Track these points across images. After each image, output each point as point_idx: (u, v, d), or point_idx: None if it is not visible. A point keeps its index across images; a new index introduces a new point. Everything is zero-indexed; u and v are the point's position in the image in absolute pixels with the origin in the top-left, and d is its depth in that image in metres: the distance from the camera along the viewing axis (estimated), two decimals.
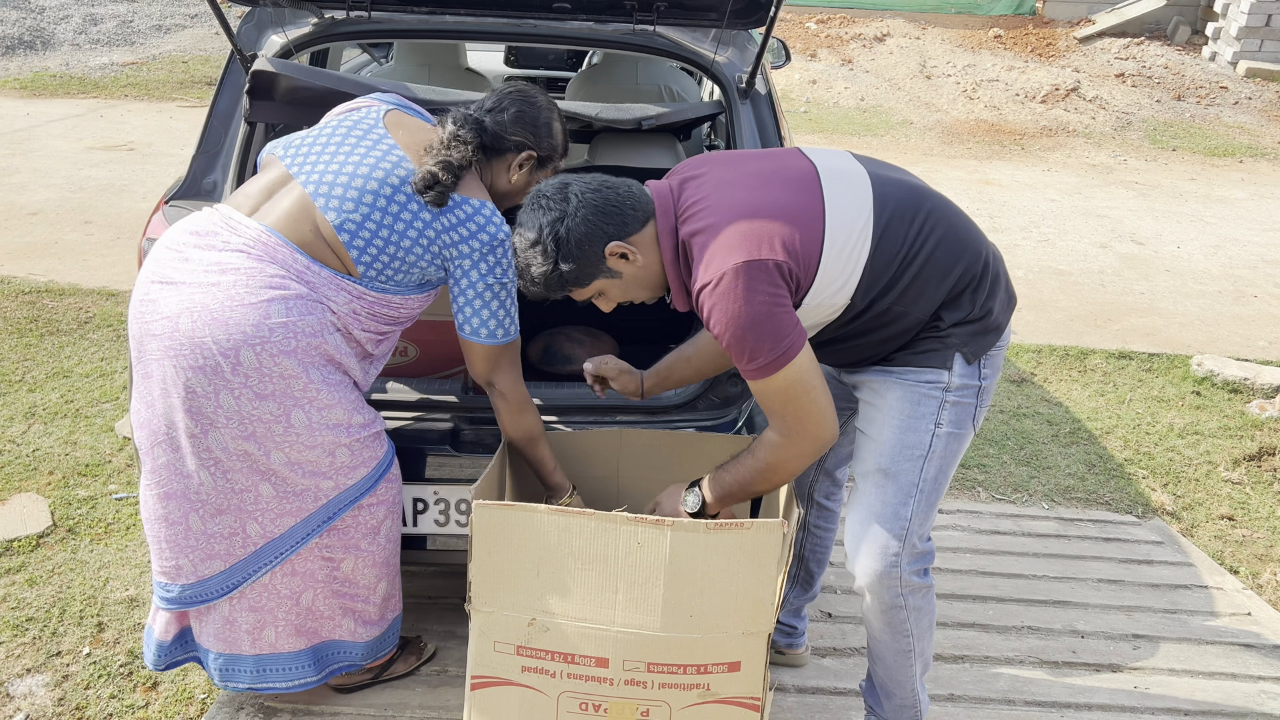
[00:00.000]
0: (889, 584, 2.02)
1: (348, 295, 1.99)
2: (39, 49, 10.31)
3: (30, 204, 6.17)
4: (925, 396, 1.94)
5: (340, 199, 1.97)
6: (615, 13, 2.64)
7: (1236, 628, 2.93)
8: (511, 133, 2.11)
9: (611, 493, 2.37)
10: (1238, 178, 8.61)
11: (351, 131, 2.07)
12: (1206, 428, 4.30)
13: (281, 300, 1.90)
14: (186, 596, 2.09)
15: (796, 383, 1.79)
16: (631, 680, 1.89)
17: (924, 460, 1.96)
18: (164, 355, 1.92)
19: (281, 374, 1.91)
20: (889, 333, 1.93)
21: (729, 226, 1.79)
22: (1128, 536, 3.44)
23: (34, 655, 2.57)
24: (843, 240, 1.83)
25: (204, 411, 1.92)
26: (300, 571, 2.10)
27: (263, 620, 2.11)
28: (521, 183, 2.17)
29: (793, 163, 1.93)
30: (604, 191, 1.86)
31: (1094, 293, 5.88)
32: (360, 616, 2.23)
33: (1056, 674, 2.65)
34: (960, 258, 1.90)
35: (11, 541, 2.99)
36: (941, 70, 10.84)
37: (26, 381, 3.99)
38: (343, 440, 2.01)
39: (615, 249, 1.85)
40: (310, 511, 2.05)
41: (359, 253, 1.98)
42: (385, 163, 2.01)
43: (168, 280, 1.93)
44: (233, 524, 2.02)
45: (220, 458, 1.96)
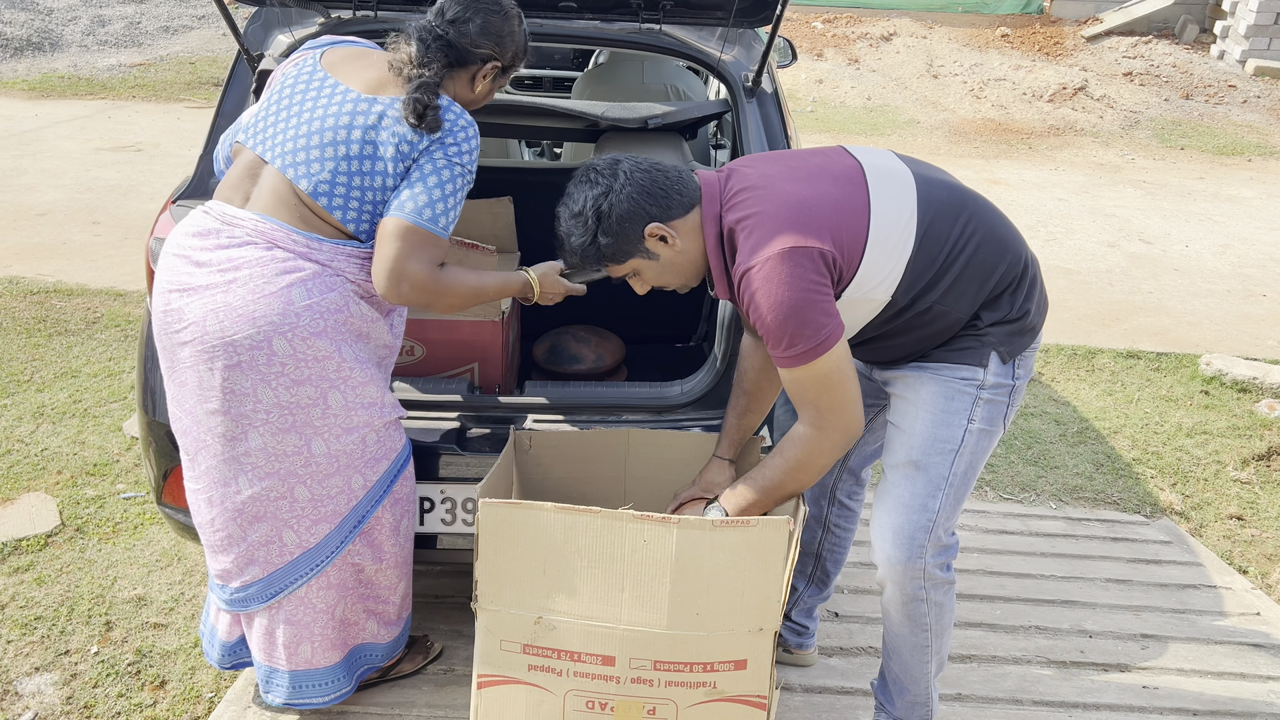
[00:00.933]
0: (912, 575, 2.03)
1: (358, 260, 1.97)
2: (47, 50, 10.35)
3: (39, 205, 6.20)
4: (960, 392, 1.96)
5: (305, 162, 1.92)
6: (621, 12, 2.64)
7: (1245, 627, 2.92)
8: (478, 44, 2.00)
9: (619, 492, 2.37)
10: (1246, 176, 8.58)
11: (295, 90, 2.00)
12: (1215, 427, 4.28)
13: (300, 283, 1.90)
14: (236, 600, 2.11)
15: (834, 371, 1.80)
16: (638, 679, 1.89)
17: (955, 454, 1.98)
18: (197, 360, 1.92)
19: (315, 356, 1.92)
20: (929, 331, 1.94)
21: (775, 214, 1.81)
22: (1136, 536, 3.43)
23: (42, 654, 2.58)
24: (886, 235, 1.85)
25: (244, 411, 1.93)
26: (335, 583, 2.11)
27: (299, 635, 2.12)
28: (485, 91, 2.08)
29: (839, 160, 1.95)
30: (652, 173, 1.89)
31: (1102, 292, 5.86)
32: (382, 617, 2.25)
33: (1064, 674, 2.64)
34: (1002, 259, 1.92)
35: (20, 541, 3.00)
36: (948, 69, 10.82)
37: (35, 381, 4.00)
38: (374, 422, 2.02)
39: (655, 230, 1.87)
40: (344, 515, 2.05)
41: (341, 211, 1.93)
42: (332, 105, 1.94)
43: (186, 287, 1.93)
44: (270, 532, 2.03)
45: (259, 462, 1.97)
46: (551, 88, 5.49)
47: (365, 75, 2.00)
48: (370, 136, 1.92)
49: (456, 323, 2.55)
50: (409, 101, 1.90)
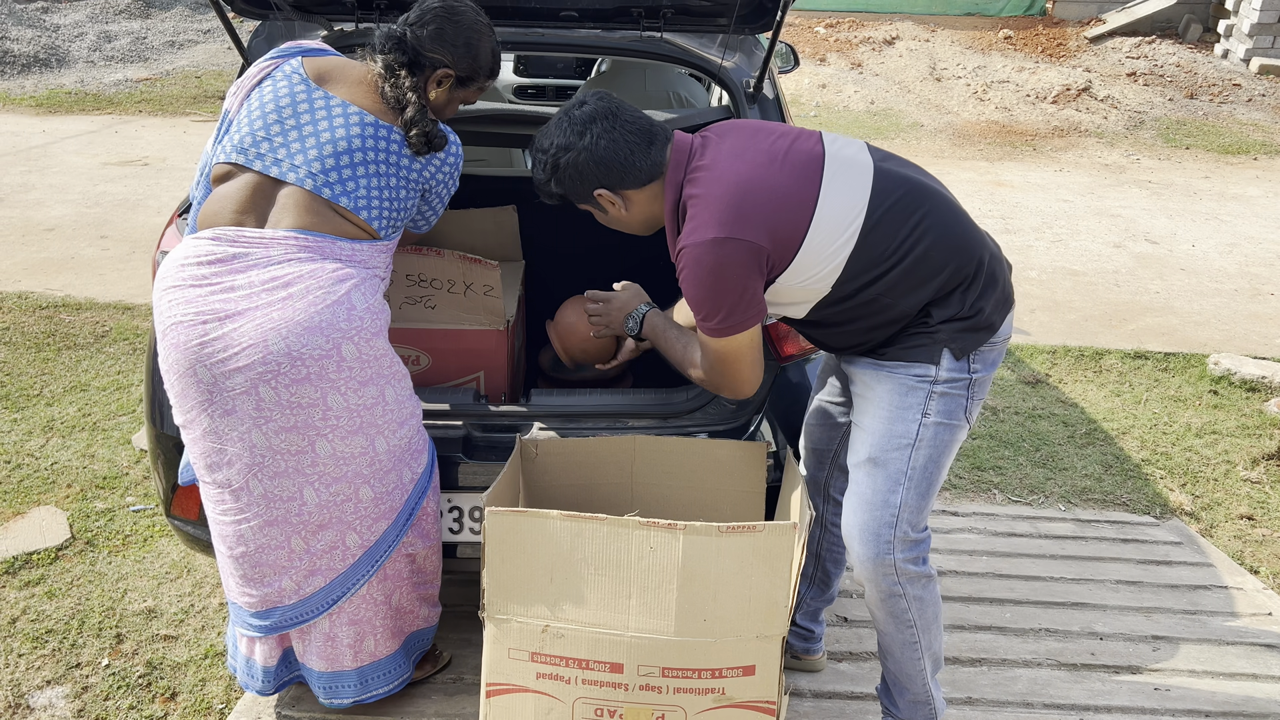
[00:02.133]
0: (884, 571, 2.05)
1: (385, 255, 2.09)
2: (54, 67, 10.41)
3: (47, 220, 6.23)
4: (913, 389, 1.98)
5: (340, 181, 2.00)
6: (623, 20, 2.65)
7: (1258, 628, 2.90)
8: (429, 49, 2.06)
9: (625, 499, 2.37)
10: (1252, 175, 8.55)
11: (295, 106, 2.03)
12: (1224, 427, 4.27)
13: (356, 288, 1.97)
14: (288, 619, 2.11)
15: (735, 352, 1.95)
16: (646, 685, 1.89)
17: (911, 449, 1.99)
18: (257, 381, 1.91)
19: (376, 355, 1.99)
20: (876, 320, 1.98)
21: (719, 199, 1.89)
22: (1146, 537, 3.42)
23: (54, 667, 2.59)
24: (827, 231, 1.90)
25: (312, 422, 1.95)
26: (391, 575, 2.17)
27: (362, 632, 2.16)
28: (442, 99, 2.14)
29: (805, 146, 1.98)
30: (618, 143, 1.96)
31: (1108, 293, 5.84)
32: (429, 600, 2.32)
33: (1075, 676, 2.63)
34: (951, 259, 1.94)
35: (31, 554, 3.02)
36: (951, 72, 10.82)
37: (44, 395, 4.02)
38: (418, 413, 2.12)
39: (601, 194, 1.99)
40: (399, 509, 2.11)
41: (369, 215, 2.04)
42: (355, 128, 2.03)
43: (225, 315, 1.91)
44: (333, 538, 2.05)
45: (326, 469, 1.99)
46: (555, 96, 5.51)
47: (361, 92, 2.07)
48: (384, 157, 2.05)
49: (461, 332, 2.55)
50: (417, 137, 2.05)
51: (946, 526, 3.39)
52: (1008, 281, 2.05)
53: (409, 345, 2.58)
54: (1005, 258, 2.09)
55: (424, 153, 2.06)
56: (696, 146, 1.99)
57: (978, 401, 2.04)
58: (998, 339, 2.01)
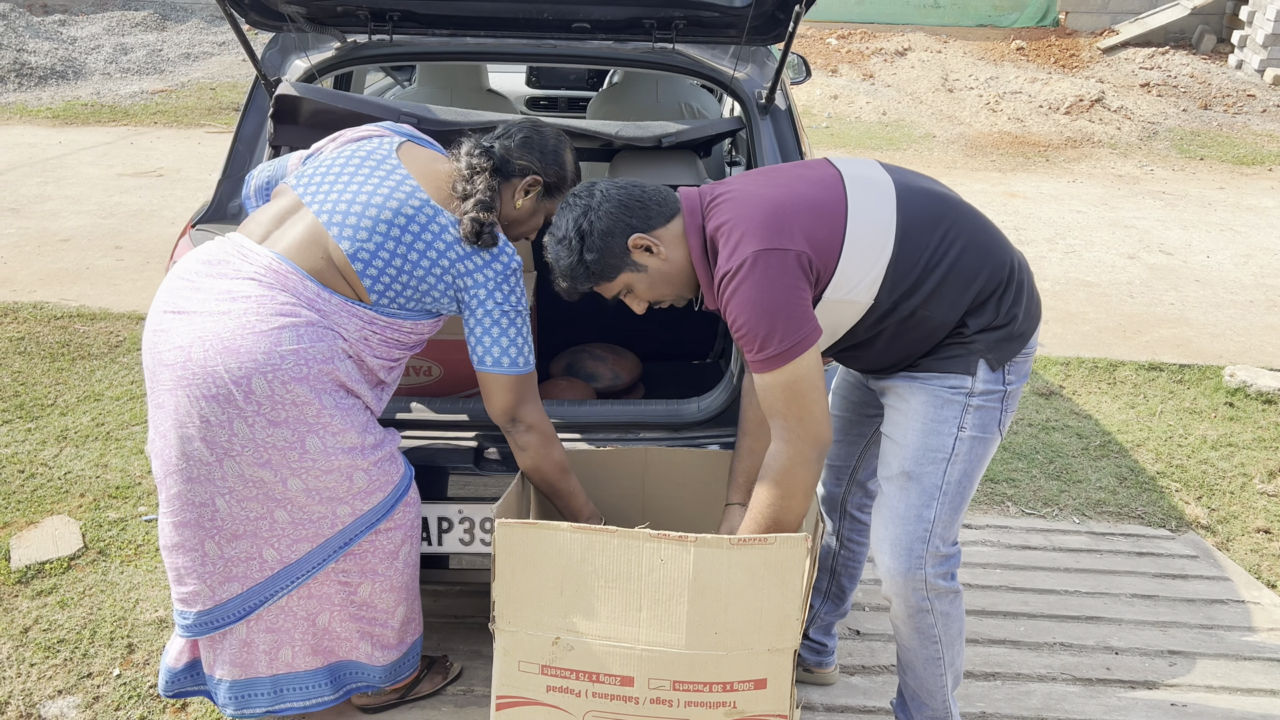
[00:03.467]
0: (914, 586, 2.02)
1: (359, 321, 1.99)
2: (71, 79, 10.51)
3: (62, 230, 6.28)
4: (949, 401, 1.95)
5: (354, 227, 1.97)
6: (635, 31, 2.66)
7: (1275, 643, 2.87)
8: (518, 157, 2.13)
9: (636, 510, 2.36)
10: (1267, 186, 8.51)
11: (365, 161, 2.07)
12: (1240, 439, 4.23)
13: (292, 328, 1.90)
14: (204, 622, 2.09)
15: (803, 379, 1.80)
16: (657, 699, 1.88)
17: (947, 463, 1.97)
18: (176, 385, 1.92)
19: (294, 401, 1.91)
20: (915, 336, 1.94)
21: (750, 217, 1.84)
22: (1161, 551, 3.39)
23: (65, 677, 2.59)
24: (864, 237, 1.85)
25: (219, 441, 1.92)
26: (317, 594, 2.10)
27: (279, 640, 2.12)
28: (528, 209, 2.18)
29: (819, 168, 1.97)
30: (628, 189, 1.94)
31: (1123, 304, 5.81)
32: (378, 640, 2.22)
33: (1091, 691, 2.60)
34: (984, 265, 1.92)
35: (43, 564, 3.03)
36: (964, 83, 10.81)
37: (59, 405, 4.04)
38: (359, 464, 2.01)
39: (638, 241, 1.91)
40: (326, 537, 2.04)
41: (373, 281, 1.98)
42: (400, 192, 2.02)
43: (179, 310, 1.94)
44: (249, 549, 2.02)
45: (235, 486, 1.96)
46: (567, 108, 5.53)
47: (431, 180, 2.07)
48: (427, 238, 2.00)
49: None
50: (468, 221, 2.00)
51: (960, 539, 3.37)
52: (1035, 290, 2.03)
53: (421, 356, 2.58)
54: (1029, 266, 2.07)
55: (471, 241, 2.01)
56: (702, 191, 1.98)
57: (1010, 414, 2.02)
58: (1029, 349, 2.00)
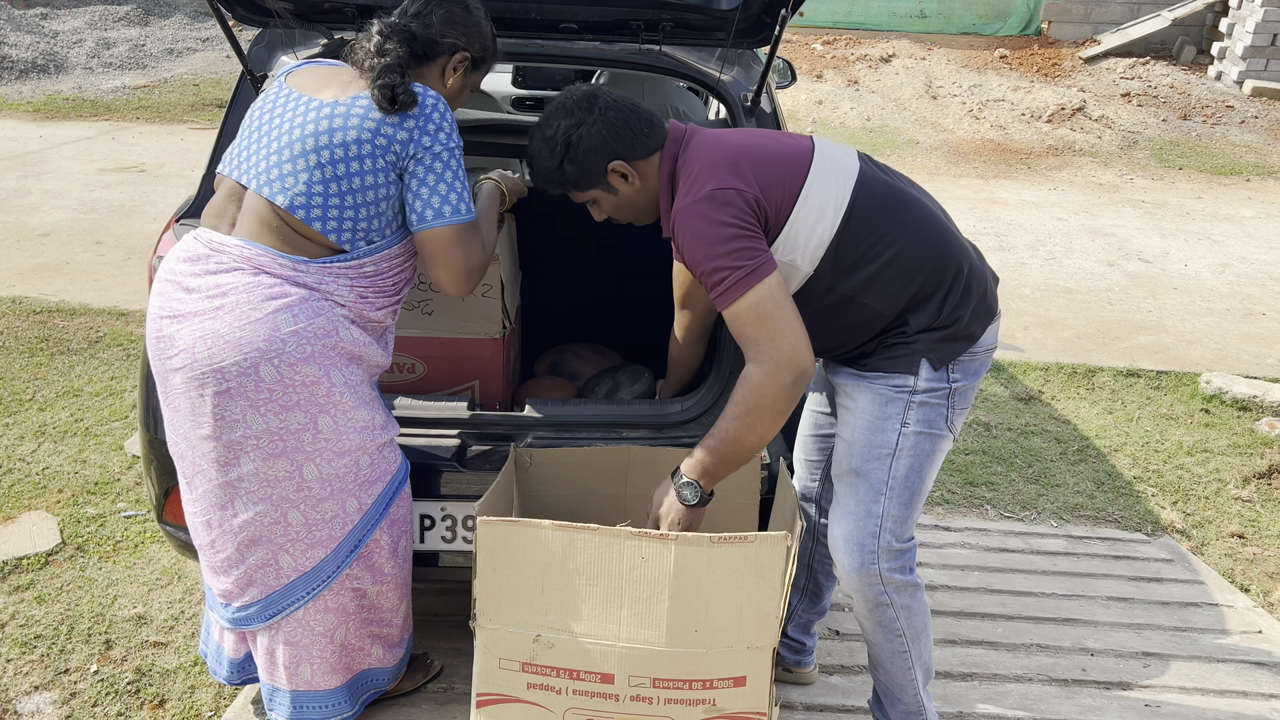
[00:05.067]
0: (869, 581, 2.05)
1: (345, 278, 1.94)
2: (52, 73, 10.43)
3: (42, 225, 6.23)
4: (892, 399, 1.99)
5: (280, 178, 1.90)
6: (622, 33, 2.67)
7: (1247, 645, 2.91)
8: (444, 34, 2.01)
9: (619, 509, 2.37)
10: (1244, 196, 8.61)
11: (267, 114, 1.99)
12: (1216, 445, 4.28)
13: (286, 308, 1.88)
14: (235, 620, 2.11)
15: (767, 299, 1.79)
16: (637, 696, 1.89)
17: (892, 458, 2.00)
18: (188, 387, 1.92)
19: (304, 381, 1.91)
20: (855, 321, 1.98)
21: (712, 160, 1.91)
22: (1137, 554, 3.42)
23: (42, 672, 2.57)
24: (815, 203, 1.91)
25: (235, 438, 1.92)
26: (334, 608, 2.10)
27: (299, 656, 2.12)
28: (457, 86, 2.09)
29: (798, 138, 2.04)
30: (625, 113, 1.98)
31: (1101, 311, 5.87)
32: (386, 641, 2.24)
33: (1067, 692, 2.63)
34: (927, 263, 1.95)
35: (21, 559, 3.00)
36: (947, 90, 10.88)
37: (37, 400, 4.01)
38: (367, 445, 2.01)
39: (618, 167, 1.97)
40: (339, 540, 2.04)
41: (321, 223, 1.90)
42: (297, 117, 1.92)
43: (176, 314, 1.93)
44: (265, 555, 2.03)
45: (251, 486, 1.96)
46: None
47: (333, 85, 1.97)
48: (340, 139, 1.88)
49: (457, 340, 2.56)
50: (378, 89, 1.86)
51: (939, 541, 3.40)
52: (990, 292, 2.06)
53: (405, 353, 2.58)
54: (990, 269, 2.10)
55: (388, 109, 1.87)
56: (689, 130, 2.02)
57: (960, 411, 2.04)
58: (979, 349, 2.02)
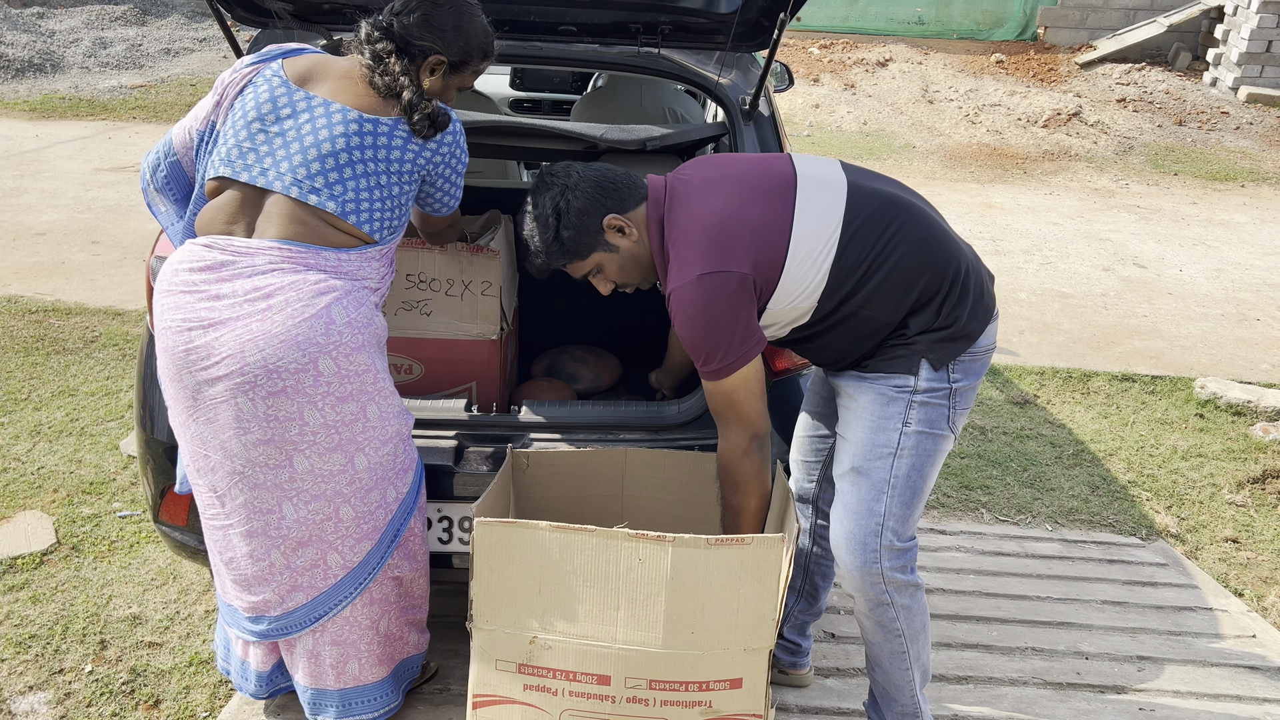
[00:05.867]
0: (871, 579, 2.06)
1: (377, 262, 2.04)
2: (49, 72, 10.41)
3: (38, 224, 6.22)
4: (893, 399, 2.01)
5: (326, 186, 1.95)
6: (620, 36, 2.68)
7: (1241, 650, 2.92)
8: (418, 37, 2.01)
9: (616, 511, 2.37)
10: (1239, 202, 8.64)
11: (275, 110, 1.99)
12: (1210, 450, 4.29)
13: (337, 301, 1.93)
14: (275, 629, 2.10)
15: (741, 388, 1.95)
16: (634, 698, 1.89)
17: (894, 457, 2.02)
18: (236, 392, 1.89)
19: (357, 371, 1.95)
20: (858, 333, 2.01)
21: (698, 235, 1.93)
22: (1132, 558, 3.43)
23: (36, 672, 2.57)
24: (807, 250, 1.93)
25: (289, 437, 1.92)
26: (378, 599, 2.12)
27: (345, 654, 2.12)
28: (437, 87, 2.08)
29: (775, 169, 2.02)
30: (602, 170, 2.04)
31: (1097, 315, 5.89)
32: (418, 625, 2.29)
33: (1061, 695, 2.64)
34: (926, 268, 1.97)
35: (15, 559, 3.00)
36: (944, 95, 10.90)
37: (32, 400, 4.01)
38: (403, 431, 2.08)
39: (613, 221, 2.00)
40: (382, 530, 2.07)
41: (368, 224, 2.00)
42: (339, 127, 1.98)
43: (209, 323, 1.90)
44: (314, 556, 2.03)
45: (305, 485, 1.96)
46: (551, 110, 5.53)
47: (348, 88, 2.01)
48: (384, 155, 2.01)
49: (454, 342, 2.56)
50: (420, 122, 2.00)
51: (934, 545, 3.40)
52: (987, 291, 2.07)
53: (402, 354, 2.58)
54: (986, 268, 2.11)
55: (430, 136, 2.02)
56: (667, 184, 2.05)
57: (961, 411, 2.06)
58: (978, 349, 2.04)
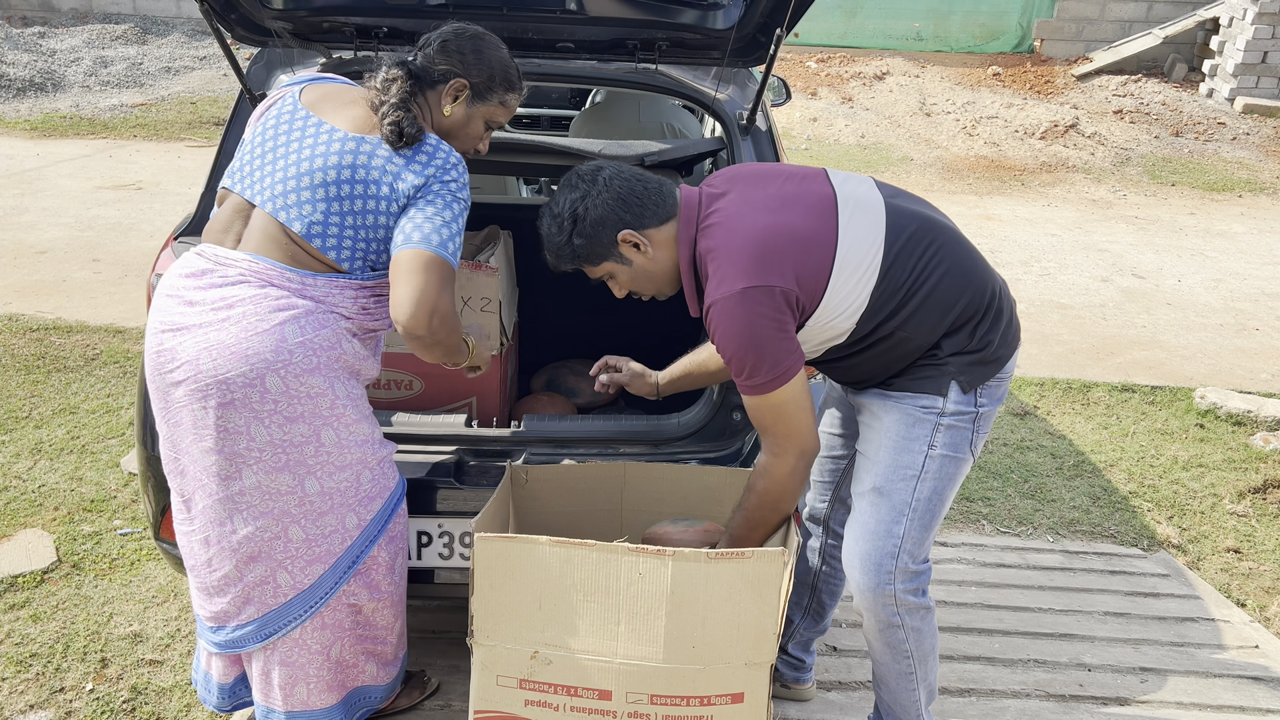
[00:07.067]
0: (883, 601, 2.04)
1: (350, 292, 1.96)
2: (50, 91, 10.46)
3: (39, 242, 6.24)
4: (920, 420, 1.98)
5: (297, 204, 1.92)
6: (618, 52, 2.69)
7: (1244, 660, 2.91)
8: (437, 62, 2.01)
9: (615, 525, 2.37)
10: (1237, 212, 8.66)
11: (278, 129, 2.00)
12: (1211, 460, 4.29)
13: (293, 320, 1.89)
14: (231, 641, 2.09)
15: (789, 402, 1.87)
16: (635, 713, 1.89)
17: (917, 480, 1.99)
18: (191, 399, 1.91)
19: (309, 393, 1.91)
20: (892, 355, 1.97)
21: (741, 249, 1.86)
22: (1133, 569, 3.43)
23: (37, 691, 2.56)
24: (851, 269, 1.88)
25: (238, 450, 1.91)
26: (330, 624, 2.09)
27: (294, 676, 2.10)
28: (460, 115, 2.05)
29: (815, 188, 1.97)
30: (631, 183, 1.96)
31: (1096, 326, 5.89)
32: (380, 658, 2.23)
33: (1064, 707, 2.63)
34: (964, 291, 1.95)
35: (16, 577, 3.00)
36: (941, 108, 10.94)
37: (33, 418, 4.01)
38: (368, 460, 2.01)
39: (628, 237, 1.95)
40: (337, 555, 2.03)
41: (335, 251, 1.94)
42: (319, 145, 1.94)
43: (178, 327, 1.93)
44: (264, 572, 2.01)
45: (253, 500, 1.95)
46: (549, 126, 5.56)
47: (349, 113, 1.99)
48: (361, 176, 1.92)
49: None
50: (386, 126, 1.91)
51: (936, 557, 3.40)
52: (1015, 316, 2.06)
53: (402, 369, 2.59)
54: (1011, 294, 2.09)
55: (395, 144, 1.90)
56: (702, 198, 1.98)
57: (982, 435, 2.04)
58: (1005, 374, 2.02)
